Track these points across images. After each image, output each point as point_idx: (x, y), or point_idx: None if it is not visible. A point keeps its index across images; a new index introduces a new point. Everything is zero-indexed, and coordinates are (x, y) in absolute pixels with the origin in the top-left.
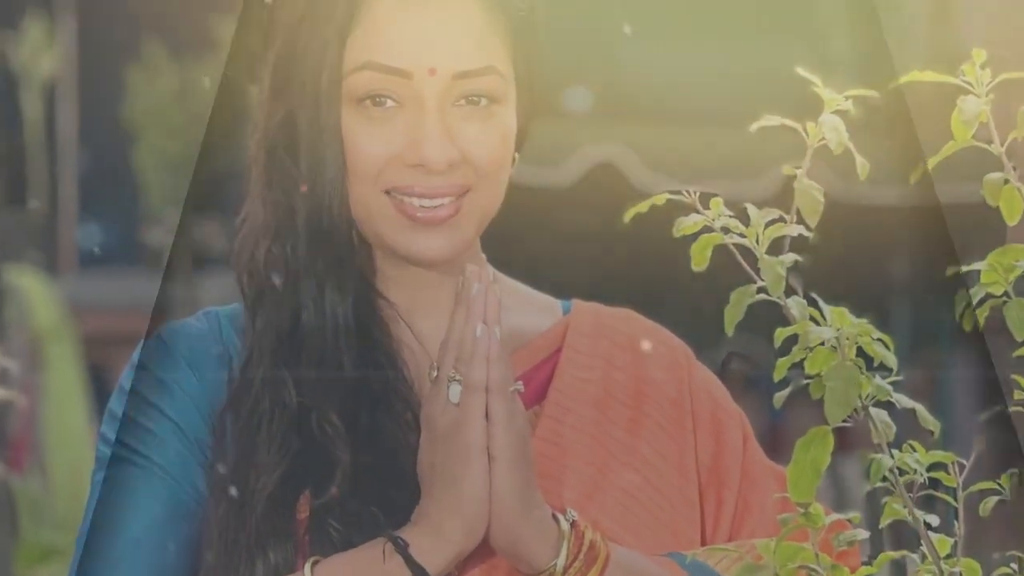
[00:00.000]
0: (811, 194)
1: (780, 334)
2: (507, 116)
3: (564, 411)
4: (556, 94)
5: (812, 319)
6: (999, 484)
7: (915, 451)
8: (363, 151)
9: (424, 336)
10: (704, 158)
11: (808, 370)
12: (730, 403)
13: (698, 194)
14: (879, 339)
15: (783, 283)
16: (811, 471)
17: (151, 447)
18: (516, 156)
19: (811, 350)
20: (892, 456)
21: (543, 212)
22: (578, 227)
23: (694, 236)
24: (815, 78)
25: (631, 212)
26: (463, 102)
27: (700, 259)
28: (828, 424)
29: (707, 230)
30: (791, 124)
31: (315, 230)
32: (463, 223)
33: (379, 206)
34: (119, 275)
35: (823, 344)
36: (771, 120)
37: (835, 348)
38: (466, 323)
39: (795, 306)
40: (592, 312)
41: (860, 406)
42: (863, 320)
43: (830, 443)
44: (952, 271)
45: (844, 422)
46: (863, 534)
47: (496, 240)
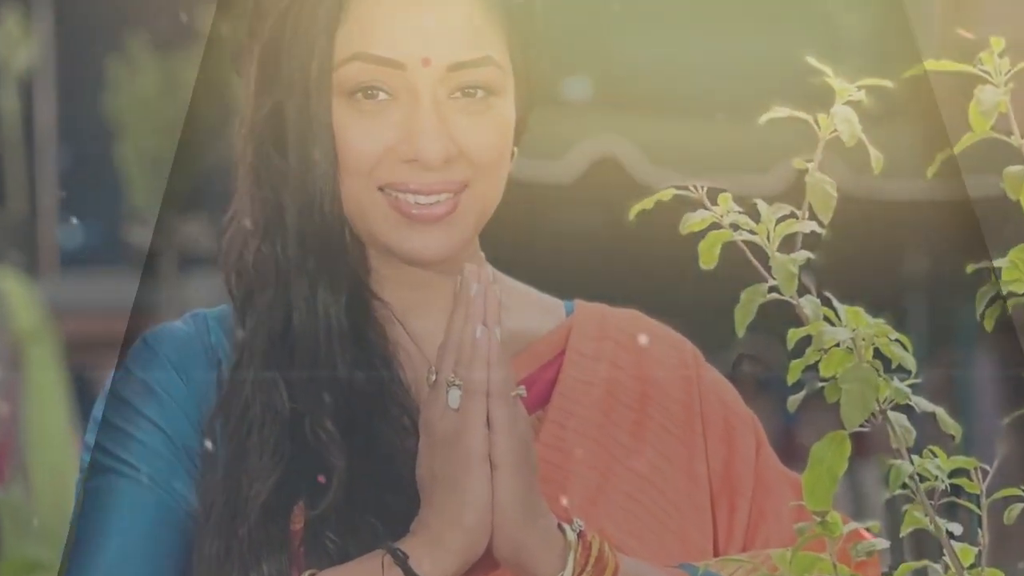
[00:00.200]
0: (823, 189)
1: (793, 335)
2: (505, 108)
3: (568, 416)
4: (555, 86)
5: (826, 319)
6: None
7: (936, 457)
8: (355, 146)
9: (421, 338)
10: (711, 152)
11: (823, 372)
12: (742, 407)
13: (705, 189)
14: (897, 340)
15: (795, 282)
16: (827, 478)
17: (137, 455)
18: (515, 150)
19: (826, 351)
20: (912, 462)
21: (544, 209)
22: (580, 224)
23: (701, 233)
24: (826, 67)
25: (636, 209)
26: (459, 94)
27: (708, 257)
28: (845, 429)
29: (715, 227)
30: (802, 116)
31: (306, 228)
32: (461, 220)
33: (373, 203)
34: (101, 276)
35: (838, 345)
36: (780, 112)
37: (851, 349)
38: (465, 325)
39: (808, 306)
40: (596, 313)
41: (878, 410)
42: (879, 320)
43: (847, 448)
44: (972, 268)
45: (861, 426)
46: (883, 544)
47: (495, 238)
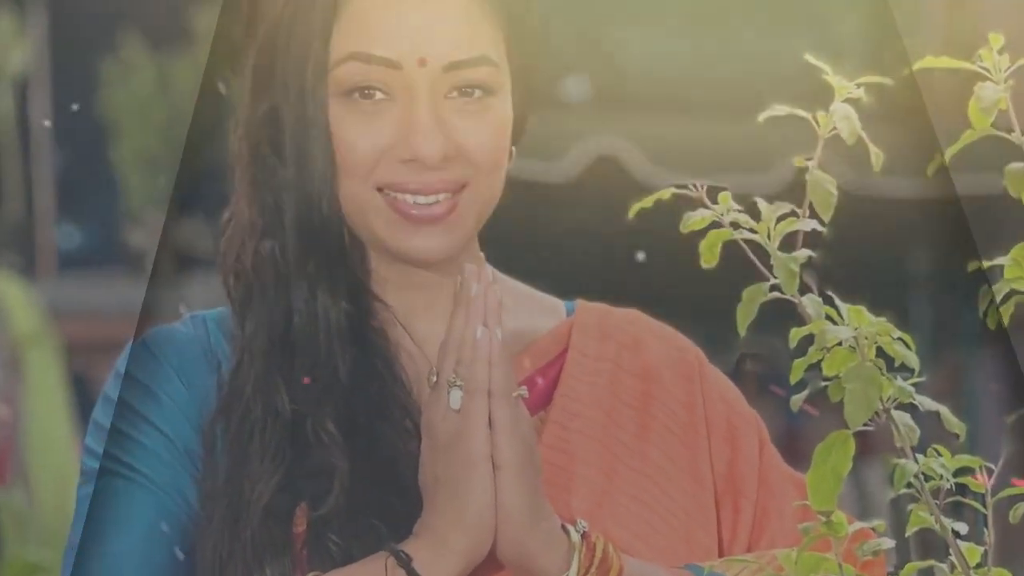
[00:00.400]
0: (824, 187)
1: (795, 334)
2: (502, 108)
3: (570, 416)
4: (554, 85)
5: (828, 318)
6: None
7: (940, 455)
8: (353, 146)
9: (422, 339)
10: (710, 150)
11: (826, 372)
12: (745, 407)
13: (705, 188)
14: (899, 338)
15: (797, 280)
16: (832, 477)
17: (139, 458)
18: (513, 150)
19: (828, 351)
20: (916, 461)
21: (544, 208)
22: (580, 224)
23: (702, 232)
24: (825, 65)
25: (635, 208)
26: (456, 94)
27: (709, 256)
28: (848, 428)
29: (716, 225)
30: (801, 114)
31: (304, 229)
32: (460, 220)
33: (372, 204)
34: (99, 278)
35: (841, 344)
36: (780, 110)
37: (853, 348)
38: (466, 325)
39: (810, 304)
40: (597, 313)
41: (881, 409)
42: (882, 319)
43: (851, 448)
44: (974, 266)
45: (865, 426)
46: (888, 543)
47: (495, 238)
